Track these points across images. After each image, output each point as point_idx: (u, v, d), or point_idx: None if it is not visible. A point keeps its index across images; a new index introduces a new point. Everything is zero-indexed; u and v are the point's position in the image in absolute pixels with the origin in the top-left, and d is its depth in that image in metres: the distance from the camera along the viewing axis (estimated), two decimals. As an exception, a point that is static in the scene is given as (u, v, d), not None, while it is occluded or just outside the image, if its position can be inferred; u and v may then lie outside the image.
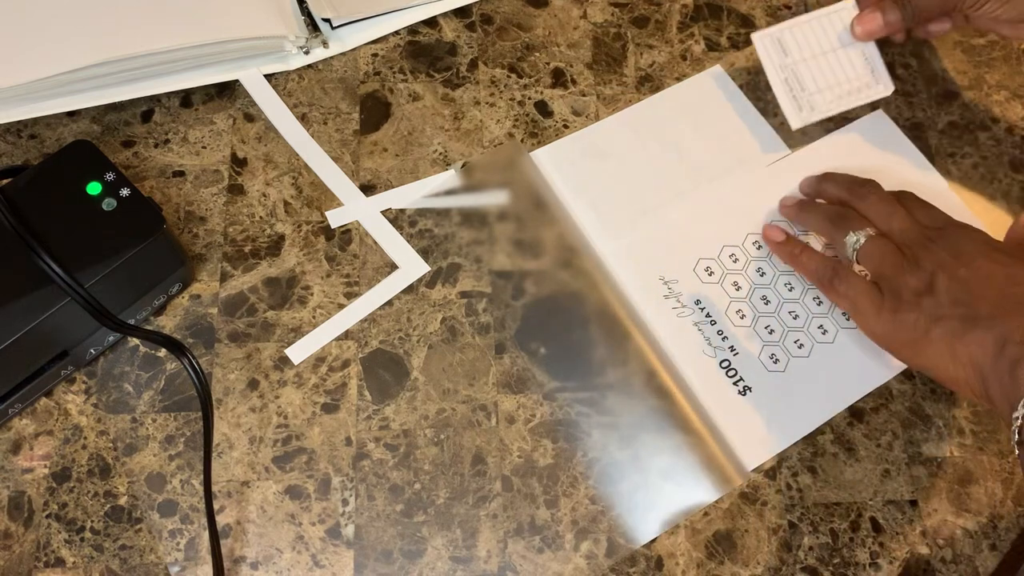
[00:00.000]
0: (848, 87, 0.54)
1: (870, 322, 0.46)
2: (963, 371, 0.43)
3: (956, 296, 0.44)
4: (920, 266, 0.45)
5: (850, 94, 0.54)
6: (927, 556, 0.47)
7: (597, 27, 0.60)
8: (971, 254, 0.45)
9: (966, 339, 0.42)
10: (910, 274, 0.45)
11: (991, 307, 0.43)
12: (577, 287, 0.52)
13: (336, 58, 0.58)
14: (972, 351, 0.42)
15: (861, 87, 0.54)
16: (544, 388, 0.50)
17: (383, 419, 0.49)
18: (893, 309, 0.45)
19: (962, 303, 0.43)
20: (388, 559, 0.46)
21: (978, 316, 0.43)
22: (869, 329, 0.47)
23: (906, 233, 0.47)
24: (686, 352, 0.51)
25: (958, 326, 0.43)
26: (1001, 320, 0.42)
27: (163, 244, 0.47)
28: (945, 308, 0.44)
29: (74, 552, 0.45)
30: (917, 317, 0.44)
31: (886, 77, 0.54)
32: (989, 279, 0.44)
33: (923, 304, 0.44)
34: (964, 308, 0.43)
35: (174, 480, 0.47)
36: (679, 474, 0.48)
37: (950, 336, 0.43)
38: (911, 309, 0.44)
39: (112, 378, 0.49)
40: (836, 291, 0.48)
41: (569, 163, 0.56)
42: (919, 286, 0.45)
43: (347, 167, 0.55)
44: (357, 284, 0.52)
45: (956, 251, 0.45)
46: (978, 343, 0.42)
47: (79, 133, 0.55)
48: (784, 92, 0.54)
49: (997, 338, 0.41)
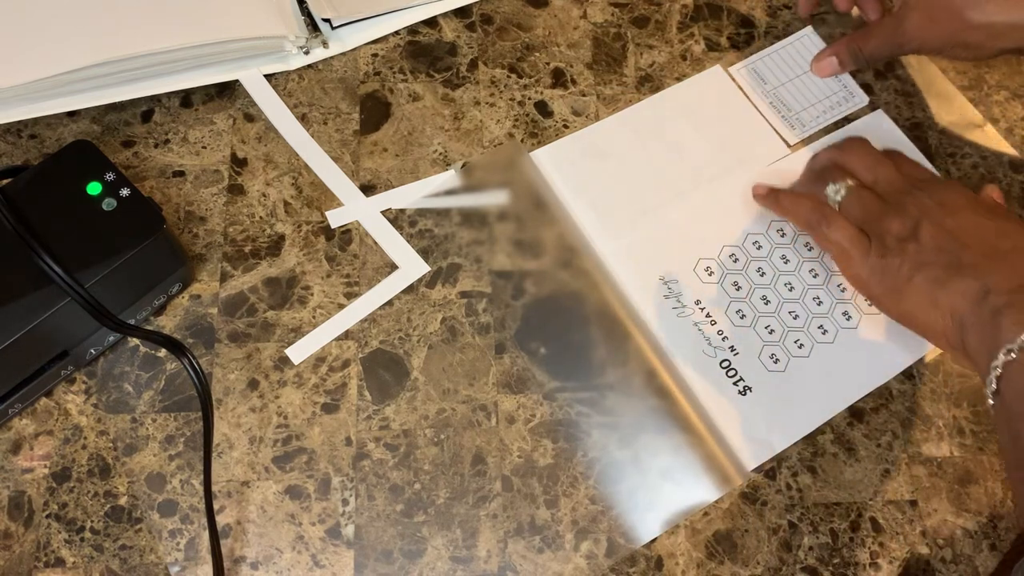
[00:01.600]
0: (828, 102, 0.58)
1: (855, 267, 0.47)
2: (942, 319, 0.43)
3: (941, 244, 0.43)
4: (905, 212, 0.45)
5: (832, 108, 0.58)
6: (927, 556, 0.47)
7: (597, 27, 0.60)
8: (957, 205, 0.45)
9: (949, 287, 0.42)
10: (894, 220, 0.45)
11: (976, 257, 0.42)
12: (577, 287, 0.52)
13: (336, 58, 0.58)
14: (954, 299, 0.42)
15: (840, 100, 0.58)
16: (544, 388, 0.50)
17: (383, 419, 0.49)
18: (879, 255, 0.45)
19: (947, 251, 0.43)
20: (388, 559, 0.46)
21: (962, 265, 0.42)
22: (854, 274, 0.47)
23: (891, 183, 0.47)
24: (686, 352, 0.51)
25: (942, 274, 0.43)
26: (985, 270, 0.42)
27: (163, 244, 0.47)
28: (929, 255, 0.44)
29: (74, 552, 0.45)
30: (901, 263, 0.44)
31: (858, 90, 0.59)
32: (976, 229, 0.44)
33: (907, 250, 0.44)
34: (948, 256, 0.43)
35: (174, 480, 0.47)
36: (679, 474, 0.48)
37: (933, 283, 0.43)
38: (895, 255, 0.45)
39: (112, 378, 0.49)
40: (823, 236, 0.48)
41: (569, 163, 0.56)
42: (903, 231, 0.45)
43: (347, 167, 0.55)
44: (357, 284, 0.52)
45: (942, 201, 0.45)
46: (961, 292, 0.42)
47: (79, 133, 0.55)
48: (773, 115, 0.58)
49: (981, 287, 0.41)
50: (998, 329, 0.40)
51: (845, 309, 0.52)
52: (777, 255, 0.53)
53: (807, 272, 0.53)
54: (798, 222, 0.51)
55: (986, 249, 0.43)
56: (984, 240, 0.43)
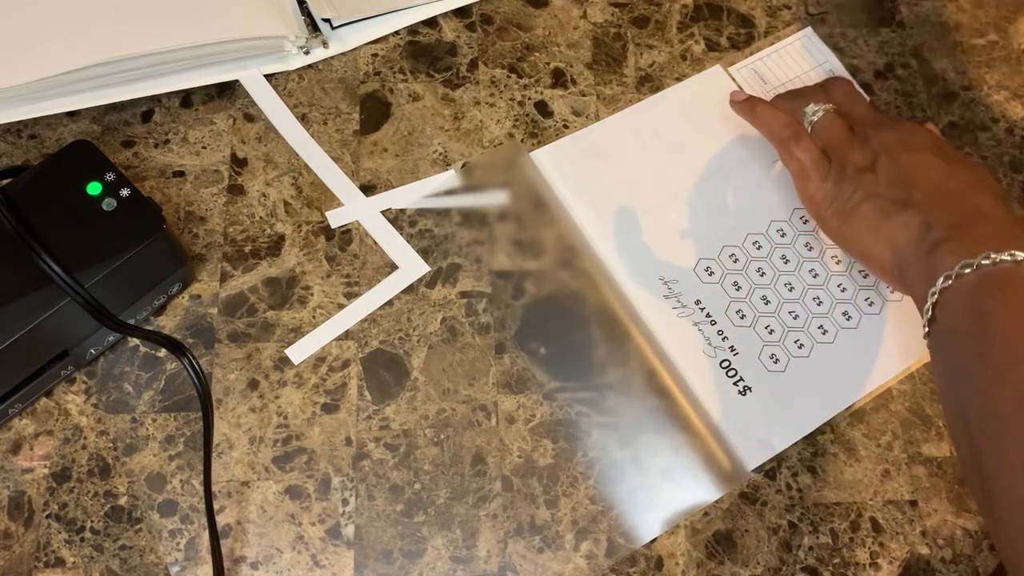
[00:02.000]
0: None
1: (810, 187, 0.49)
2: (882, 249, 0.46)
3: (894, 178, 0.46)
4: (868, 145, 0.48)
5: None
6: (927, 556, 0.47)
7: (597, 27, 0.60)
8: (918, 145, 0.47)
9: (894, 219, 0.45)
10: (857, 151, 0.48)
11: (924, 195, 0.45)
12: (577, 287, 0.52)
13: (336, 58, 0.58)
14: (896, 231, 0.45)
15: None
16: (544, 388, 0.50)
17: (383, 419, 0.49)
18: (835, 180, 0.48)
19: (898, 185, 0.46)
20: (388, 559, 0.46)
21: (910, 201, 0.45)
22: (808, 194, 0.50)
23: (863, 118, 0.50)
24: (686, 352, 0.51)
25: (889, 206, 0.46)
26: (930, 208, 0.44)
27: (163, 244, 0.47)
28: (882, 187, 0.46)
29: (74, 552, 0.45)
30: (854, 191, 0.47)
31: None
32: (929, 170, 0.46)
33: (863, 180, 0.47)
34: (899, 191, 0.46)
35: (174, 480, 0.47)
36: (679, 474, 0.48)
37: (879, 213, 0.46)
38: (851, 182, 0.47)
39: (112, 378, 0.49)
40: (790, 152, 0.50)
41: (569, 163, 0.56)
42: (863, 163, 0.47)
43: (347, 167, 0.55)
44: (357, 284, 0.52)
45: (904, 139, 0.48)
46: (904, 224, 0.45)
47: (79, 133, 0.55)
48: None
49: (923, 222, 0.44)
50: (936, 260, 0.42)
51: (845, 309, 0.52)
52: (777, 255, 0.53)
53: (807, 272, 0.53)
54: (769, 134, 0.52)
55: (934, 188, 0.45)
56: (934, 180, 0.45)
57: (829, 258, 0.53)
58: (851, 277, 0.53)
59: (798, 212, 0.54)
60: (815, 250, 0.53)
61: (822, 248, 0.53)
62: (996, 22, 0.62)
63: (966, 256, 0.40)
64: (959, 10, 0.62)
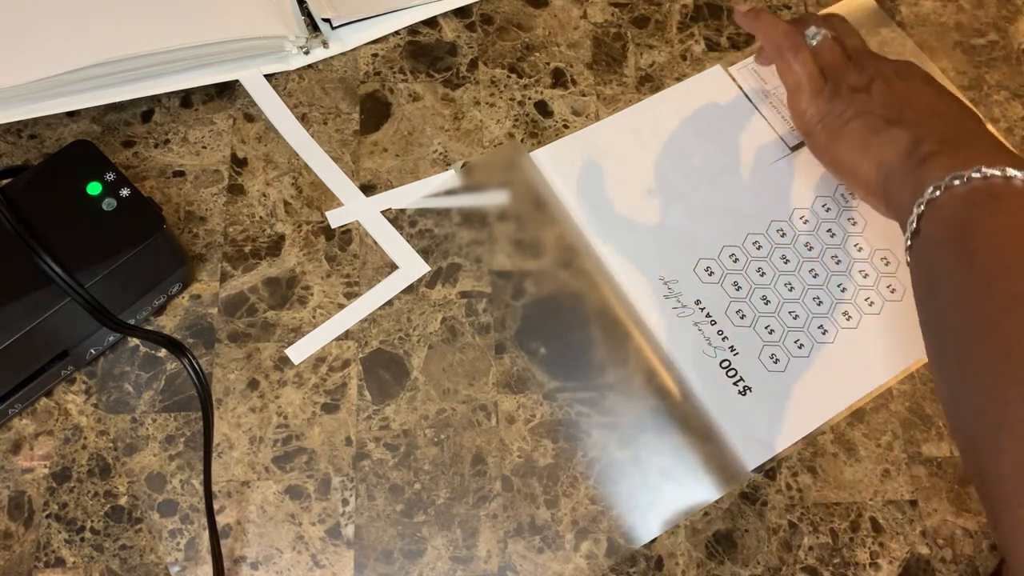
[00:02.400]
0: None
1: (803, 102, 0.49)
2: (868, 166, 0.46)
3: (887, 99, 0.47)
4: (864, 69, 0.49)
5: None
6: (927, 556, 0.47)
7: (597, 27, 0.60)
8: (913, 75, 0.48)
9: (882, 135, 0.45)
10: (853, 72, 0.49)
11: (915, 114, 0.45)
12: (577, 287, 0.52)
13: (336, 58, 0.58)
14: (884, 147, 0.45)
15: None
16: (544, 388, 0.50)
17: (383, 419, 0.49)
18: (829, 98, 0.48)
19: (890, 105, 0.46)
20: (388, 559, 0.46)
21: (901, 119, 0.45)
22: (800, 109, 0.49)
23: (859, 48, 0.51)
24: (686, 352, 0.51)
25: (880, 123, 0.46)
26: (921, 125, 0.44)
27: (163, 244, 0.47)
28: (874, 106, 0.47)
29: (74, 552, 0.45)
30: (846, 108, 0.47)
31: None
32: (921, 95, 0.47)
33: (856, 98, 0.47)
34: (890, 110, 0.46)
35: (174, 480, 0.47)
36: (679, 474, 0.48)
37: (868, 129, 0.46)
38: (844, 100, 0.48)
39: (112, 378, 0.49)
40: (788, 65, 0.50)
41: (569, 163, 0.56)
42: (858, 84, 0.48)
43: (347, 167, 0.55)
44: (357, 284, 0.52)
45: (899, 69, 0.49)
46: (892, 140, 0.45)
47: (79, 133, 0.55)
48: (773, 115, 0.58)
49: (913, 137, 0.44)
50: (925, 172, 0.42)
51: (845, 309, 0.52)
52: (777, 255, 0.53)
53: (807, 272, 0.53)
54: (768, 43, 0.52)
55: (926, 109, 0.46)
56: (927, 102, 0.46)
57: (829, 258, 0.53)
58: (850, 277, 0.53)
59: (798, 212, 0.54)
60: (815, 250, 0.53)
61: (822, 248, 0.53)
62: (996, 22, 0.62)
63: (957, 168, 0.40)
64: (959, 10, 0.62)
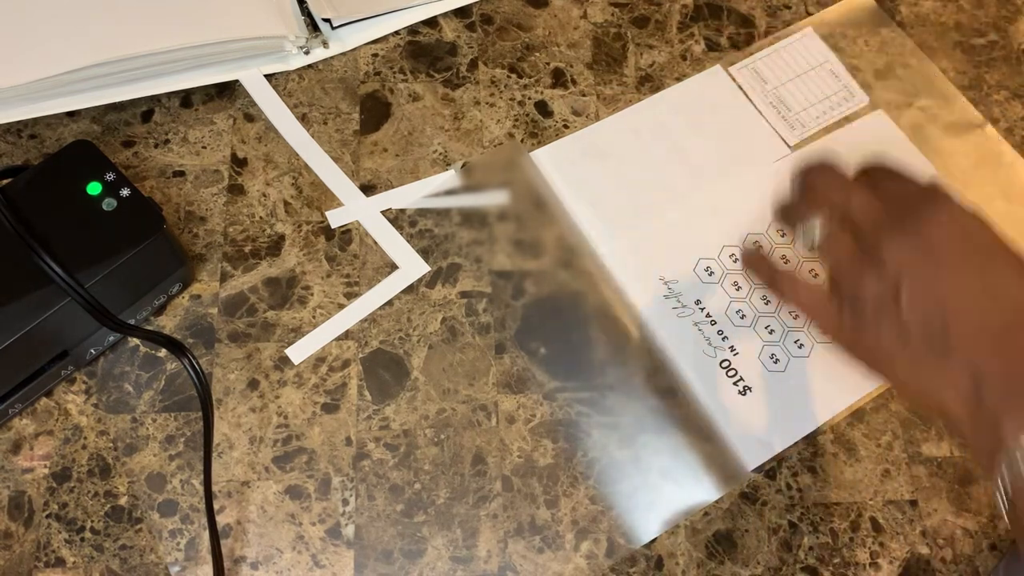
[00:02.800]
0: (828, 102, 0.58)
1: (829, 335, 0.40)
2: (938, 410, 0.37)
3: (922, 312, 0.36)
4: (883, 266, 0.37)
5: (832, 108, 0.58)
6: (927, 556, 0.47)
7: (597, 27, 0.60)
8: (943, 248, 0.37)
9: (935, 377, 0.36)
10: (870, 276, 0.38)
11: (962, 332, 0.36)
12: (577, 287, 0.52)
13: (336, 58, 0.58)
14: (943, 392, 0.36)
15: (840, 100, 0.58)
16: (544, 388, 0.50)
17: (383, 419, 0.49)
18: (853, 325, 0.38)
19: (929, 322, 0.36)
20: (388, 559, 0.46)
21: (948, 348, 0.36)
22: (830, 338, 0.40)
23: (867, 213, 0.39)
24: (686, 352, 0.51)
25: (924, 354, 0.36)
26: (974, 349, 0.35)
27: (163, 244, 0.47)
28: (911, 325, 0.36)
29: (74, 552, 0.45)
30: (877, 335, 0.37)
31: (858, 90, 0.59)
32: (964, 294, 0.36)
33: (884, 318, 0.37)
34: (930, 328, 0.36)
35: (174, 480, 0.47)
36: (679, 474, 0.48)
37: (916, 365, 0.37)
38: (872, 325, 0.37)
39: (112, 378, 0.49)
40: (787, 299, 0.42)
41: (569, 163, 0.56)
42: (879, 292, 0.37)
43: (347, 167, 0.55)
44: (357, 284, 0.52)
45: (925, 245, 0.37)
46: (948, 384, 0.36)
47: (79, 133, 0.55)
48: (773, 115, 0.58)
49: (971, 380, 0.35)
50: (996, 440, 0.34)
51: (845, 309, 0.52)
52: (777, 255, 0.53)
53: (807, 272, 0.53)
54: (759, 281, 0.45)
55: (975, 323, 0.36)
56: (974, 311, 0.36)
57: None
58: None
59: (798, 212, 0.54)
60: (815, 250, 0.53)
61: (822, 248, 0.53)
62: (996, 22, 0.62)
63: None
64: (959, 10, 0.62)
